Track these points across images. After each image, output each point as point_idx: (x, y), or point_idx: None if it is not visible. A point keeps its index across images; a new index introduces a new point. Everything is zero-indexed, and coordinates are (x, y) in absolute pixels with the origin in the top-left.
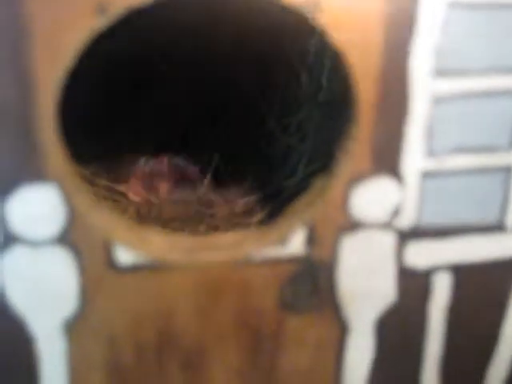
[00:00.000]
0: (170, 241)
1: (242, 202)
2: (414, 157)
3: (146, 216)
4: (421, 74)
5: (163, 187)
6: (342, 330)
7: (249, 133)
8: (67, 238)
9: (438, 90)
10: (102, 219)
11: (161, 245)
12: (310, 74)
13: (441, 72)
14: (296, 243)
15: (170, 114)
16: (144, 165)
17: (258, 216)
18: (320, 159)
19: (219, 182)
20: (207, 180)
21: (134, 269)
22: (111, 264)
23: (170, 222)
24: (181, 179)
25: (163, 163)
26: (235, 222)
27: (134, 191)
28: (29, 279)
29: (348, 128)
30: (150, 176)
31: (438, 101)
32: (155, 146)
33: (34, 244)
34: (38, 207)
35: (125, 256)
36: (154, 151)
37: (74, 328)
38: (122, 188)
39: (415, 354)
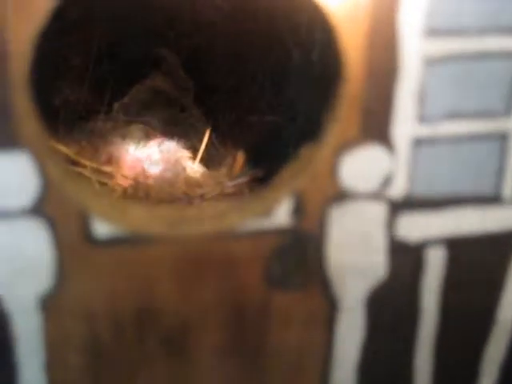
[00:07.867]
0: (149, 213)
1: (231, 183)
2: (405, 123)
3: (132, 197)
4: (411, 34)
5: (153, 170)
6: (331, 306)
7: (239, 114)
8: (41, 210)
9: (429, 51)
10: (78, 189)
11: (140, 217)
12: (302, 50)
13: (433, 32)
14: (282, 214)
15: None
16: (134, 148)
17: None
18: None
19: (209, 163)
20: (197, 162)
21: (112, 242)
22: (88, 237)
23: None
24: (170, 161)
25: (153, 146)
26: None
27: (123, 174)
28: (2, 252)
29: (336, 94)
30: (140, 159)
31: (430, 63)
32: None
33: (6, 215)
34: (10, 176)
35: (102, 228)
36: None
37: (50, 303)
38: (109, 170)
39: (408, 332)
